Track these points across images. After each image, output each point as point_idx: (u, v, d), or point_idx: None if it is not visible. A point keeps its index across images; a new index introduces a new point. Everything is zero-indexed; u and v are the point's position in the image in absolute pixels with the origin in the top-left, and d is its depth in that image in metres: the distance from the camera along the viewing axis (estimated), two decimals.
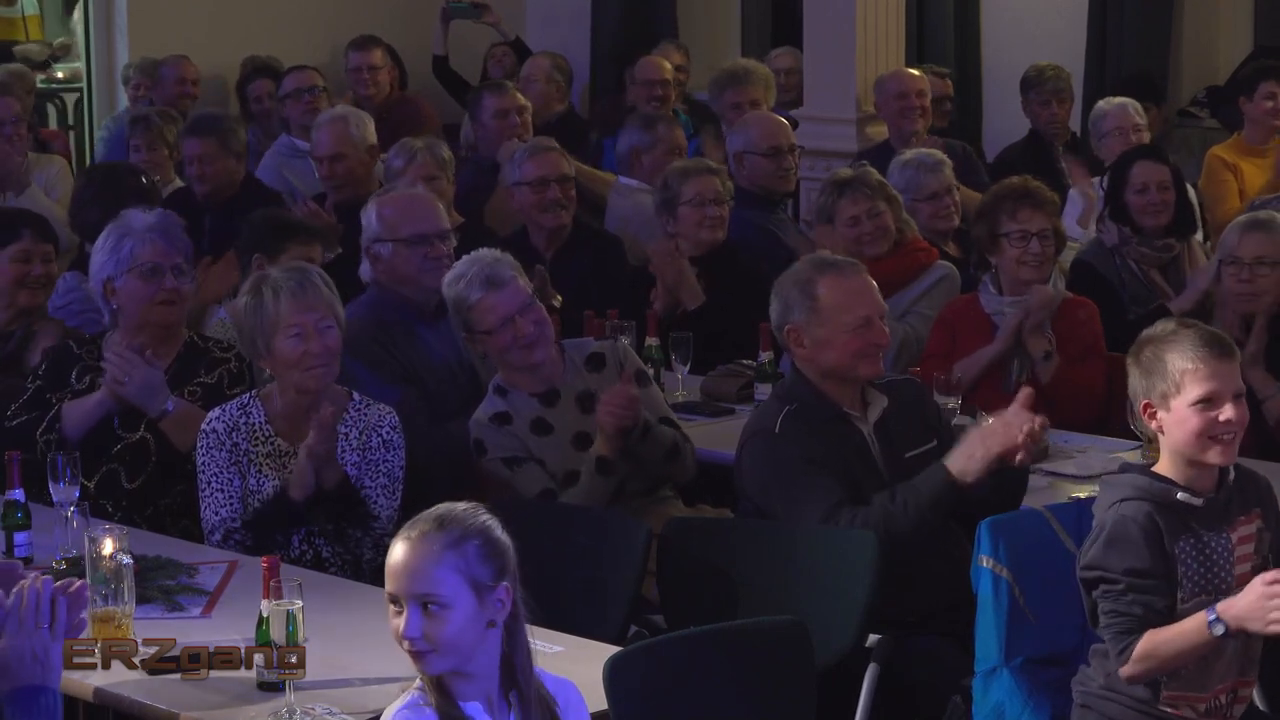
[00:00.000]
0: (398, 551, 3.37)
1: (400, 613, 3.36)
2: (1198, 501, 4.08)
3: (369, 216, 6.07)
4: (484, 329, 5.48)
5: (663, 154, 8.12)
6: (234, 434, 5.07)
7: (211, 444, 5.07)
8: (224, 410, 5.13)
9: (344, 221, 7.37)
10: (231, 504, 5.03)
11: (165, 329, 5.52)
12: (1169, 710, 4.10)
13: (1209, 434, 4.04)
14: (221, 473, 5.04)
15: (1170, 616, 4.03)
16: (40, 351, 5.89)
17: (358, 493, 4.99)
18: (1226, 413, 4.04)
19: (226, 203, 7.89)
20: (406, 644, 3.36)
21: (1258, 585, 3.93)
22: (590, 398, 5.48)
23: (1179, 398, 4.06)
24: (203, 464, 5.07)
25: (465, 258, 5.63)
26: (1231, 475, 4.15)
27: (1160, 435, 4.12)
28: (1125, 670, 4.04)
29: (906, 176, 7.50)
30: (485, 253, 5.61)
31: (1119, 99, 8.97)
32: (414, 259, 5.95)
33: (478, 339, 5.52)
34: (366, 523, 4.96)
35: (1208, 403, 4.04)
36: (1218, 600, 4.01)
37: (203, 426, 5.11)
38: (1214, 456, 4.07)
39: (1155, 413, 4.10)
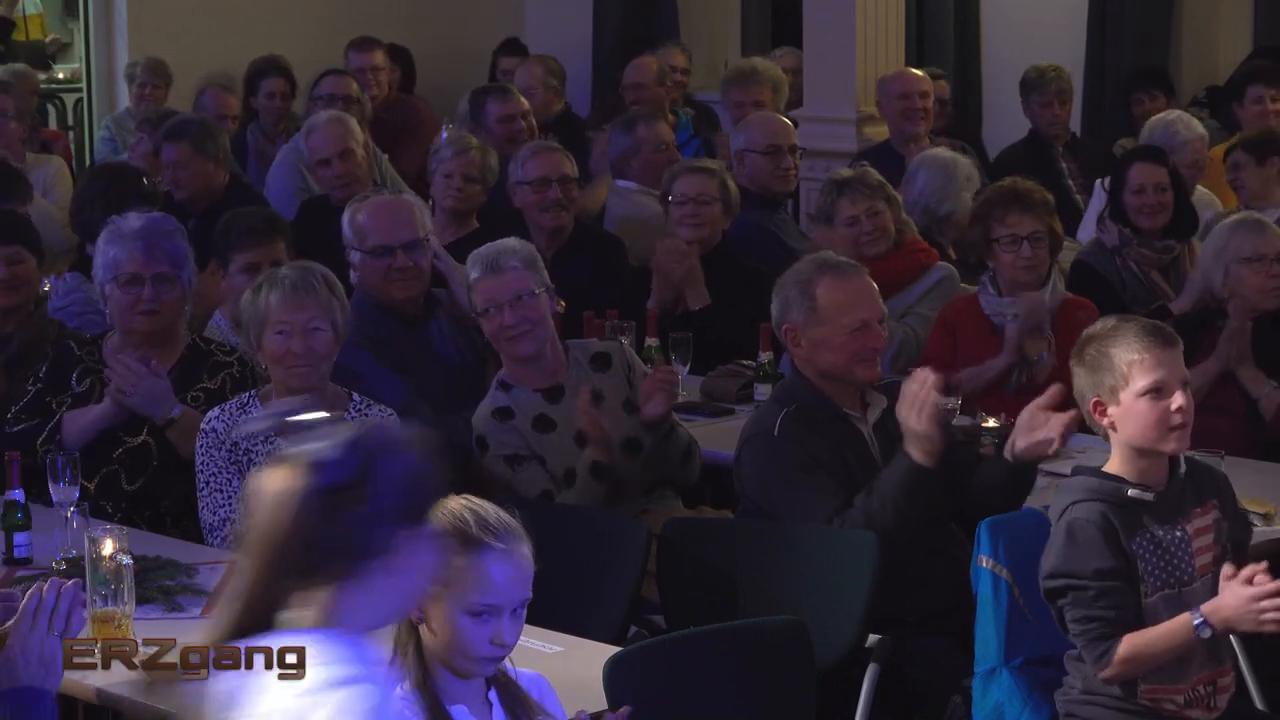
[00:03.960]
0: (507, 565, 3.35)
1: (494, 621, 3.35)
2: (1149, 496, 4.12)
3: (345, 221, 6.08)
4: (477, 310, 5.55)
5: (649, 154, 8.12)
6: (233, 433, 5.07)
7: (211, 444, 5.07)
8: (223, 410, 5.13)
9: None
10: (230, 504, 5.03)
11: (151, 336, 5.50)
12: (1149, 704, 4.12)
13: (1164, 423, 4.09)
14: (220, 472, 5.04)
15: (1138, 614, 4.06)
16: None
17: None
18: (1178, 400, 4.09)
19: (210, 206, 7.85)
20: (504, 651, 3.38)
21: (1238, 589, 3.96)
22: (594, 396, 5.49)
23: (1127, 390, 4.10)
24: (202, 464, 5.07)
25: (490, 243, 5.66)
26: (1183, 468, 4.19)
27: (1111, 432, 4.15)
28: (1106, 673, 4.06)
29: (965, 173, 7.57)
30: (508, 241, 5.65)
31: (1183, 114, 8.81)
32: (378, 269, 5.99)
33: (479, 320, 5.59)
34: None
35: (1157, 392, 4.09)
36: (1182, 591, 4.08)
37: (202, 426, 5.11)
38: (1169, 445, 4.11)
39: (1105, 408, 4.14)
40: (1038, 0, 11.13)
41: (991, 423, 5.44)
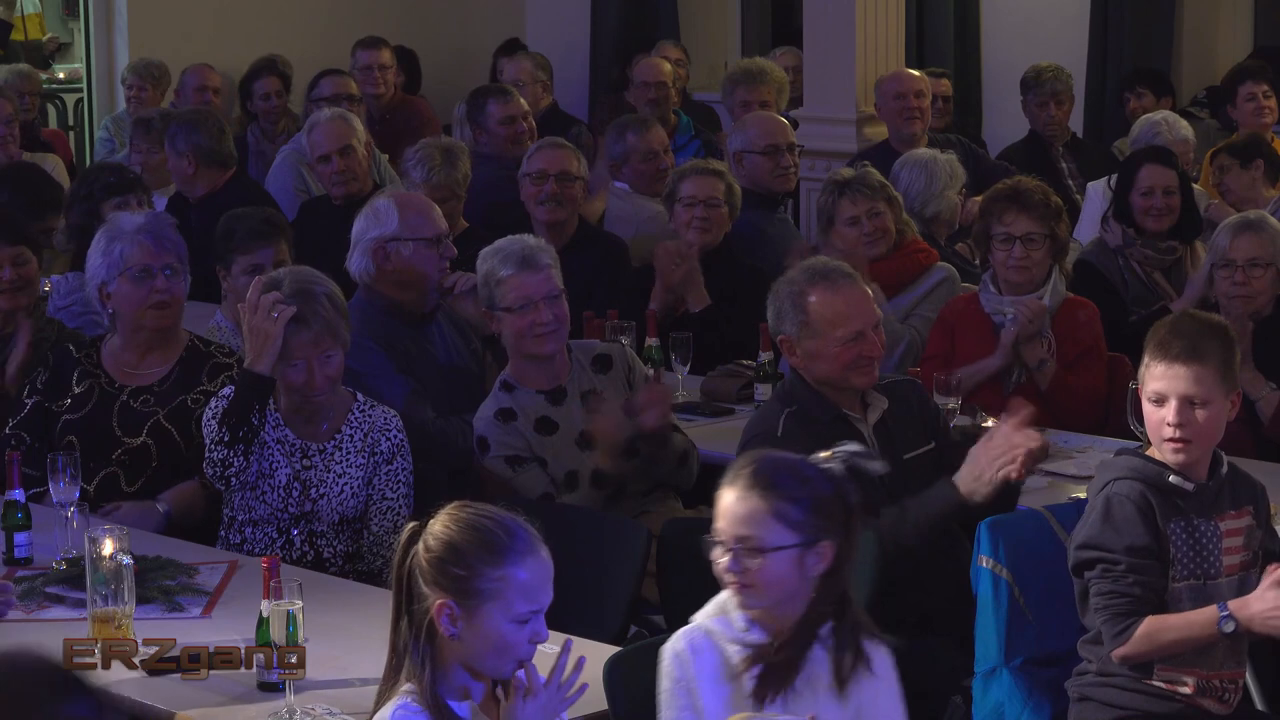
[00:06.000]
0: (540, 569, 3.41)
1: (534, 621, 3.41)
2: (1189, 486, 4.15)
3: (384, 214, 6.03)
4: (505, 305, 5.49)
5: (638, 163, 8.13)
6: None
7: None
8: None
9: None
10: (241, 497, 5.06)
11: (161, 332, 5.51)
12: (1163, 685, 4.14)
13: (1158, 432, 4.15)
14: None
15: (1163, 596, 4.09)
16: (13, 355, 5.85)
17: None
18: (1168, 414, 4.12)
19: (208, 196, 7.86)
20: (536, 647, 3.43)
21: (1270, 591, 3.98)
22: (599, 400, 5.48)
23: (1144, 391, 4.18)
24: (208, 420, 5.09)
25: (508, 238, 5.65)
26: (1224, 469, 4.22)
27: None
28: (1121, 650, 4.08)
29: (947, 171, 7.58)
30: (531, 238, 5.65)
31: (1171, 117, 8.79)
32: (433, 258, 5.99)
33: (498, 316, 5.54)
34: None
35: (1157, 401, 4.14)
36: (1207, 584, 4.11)
37: (214, 401, 5.12)
38: (1167, 452, 4.15)
39: (1141, 402, 4.23)
40: (1038, 0, 11.13)
41: (991, 423, 5.44)
